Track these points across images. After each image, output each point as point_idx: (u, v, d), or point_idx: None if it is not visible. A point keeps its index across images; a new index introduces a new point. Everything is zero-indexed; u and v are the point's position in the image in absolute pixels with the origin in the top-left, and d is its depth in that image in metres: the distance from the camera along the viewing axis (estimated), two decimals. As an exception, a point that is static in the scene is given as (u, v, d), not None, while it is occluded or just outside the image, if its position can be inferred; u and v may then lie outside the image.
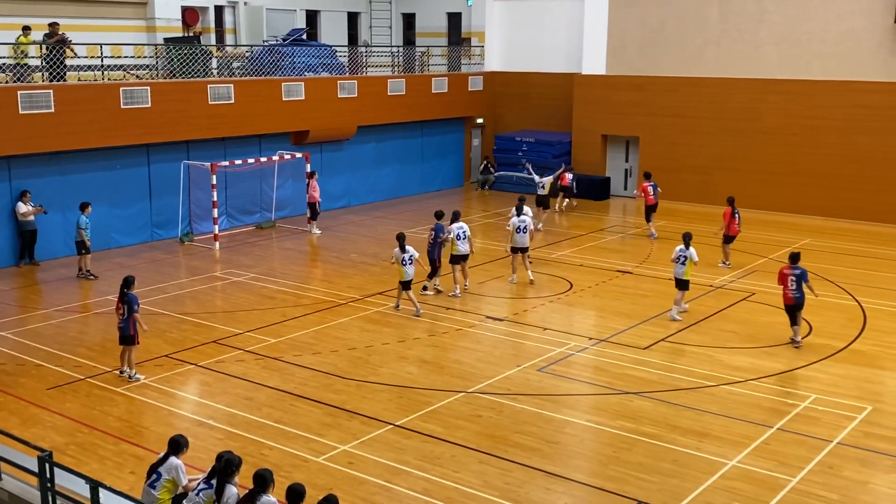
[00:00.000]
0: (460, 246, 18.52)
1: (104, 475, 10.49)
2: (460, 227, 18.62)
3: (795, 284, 15.42)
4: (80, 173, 21.88)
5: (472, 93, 32.69)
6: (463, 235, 18.55)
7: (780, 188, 27.44)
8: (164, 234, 23.83)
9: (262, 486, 8.18)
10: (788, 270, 15.54)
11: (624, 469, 11.13)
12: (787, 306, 15.70)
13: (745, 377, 14.17)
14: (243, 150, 25.19)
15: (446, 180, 32.75)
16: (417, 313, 17.29)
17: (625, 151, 31.02)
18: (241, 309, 17.81)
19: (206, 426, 12.33)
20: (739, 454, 11.48)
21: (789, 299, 15.57)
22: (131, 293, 13.81)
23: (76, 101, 20.89)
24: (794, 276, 15.44)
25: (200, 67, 23.97)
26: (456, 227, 18.59)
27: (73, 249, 21.33)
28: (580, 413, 12.90)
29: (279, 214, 26.48)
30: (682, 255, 17.10)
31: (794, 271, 15.49)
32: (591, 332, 16.54)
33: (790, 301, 15.57)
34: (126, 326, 13.79)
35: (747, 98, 27.84)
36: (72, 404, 13.06)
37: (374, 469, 11.07)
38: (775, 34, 27.33)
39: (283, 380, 14.03)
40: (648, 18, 29.40)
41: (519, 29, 33.28)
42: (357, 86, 27.92)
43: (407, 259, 17.24)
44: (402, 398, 13.33)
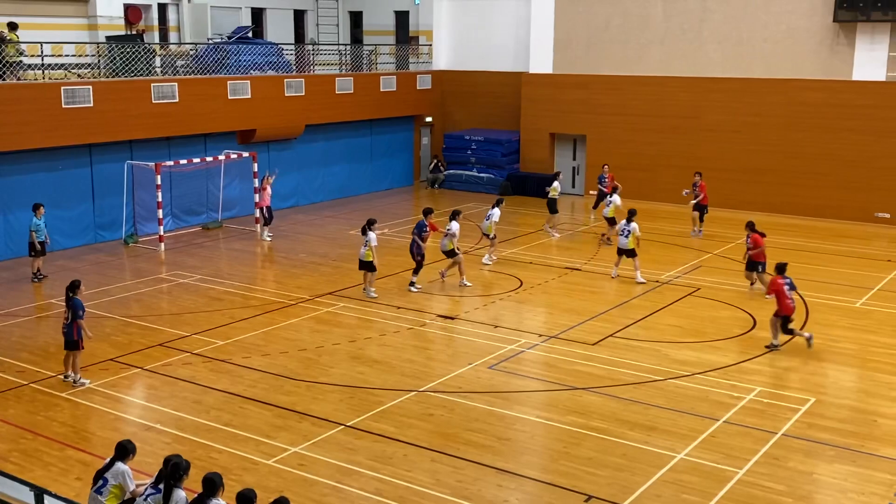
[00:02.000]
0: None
1: (49, 482, 10.29)
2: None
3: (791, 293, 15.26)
4: (21, 174, 21.39)
5: (421, 91, 32.69)
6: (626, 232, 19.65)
7: (723, 185, 27.88)
8: (108, 236, 23.42)
9: (212, 490, 8.09)
10: (782, 280, 15.28)
11: (574, 464, 11.23)
12: (785, 317, 15.19)
13: (691, 371, 14.40)
14: (188, 149, 24.86)
15: (396, 179, 32.72)
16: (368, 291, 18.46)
17: (572, 150, 31.29)
18: (187, 311, 17.58)
19: (153, 430, 12.16)
20: (687, 447, 11.66)
21: (790, 309, 15.16)
22: (77, 298, 13.55)
23: (16, 101, 20.42)
24: (787, 285, 15.24)
25: (144, 66, 23.60)
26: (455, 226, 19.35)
27: (13, 251, 20.97)
28: (531, 409, 12.99)
29: (226, 215, 26.19)
30: (625, 229, 19.42)
31: (787, 280, 15.31)
32: (541, 328, 16.66)
33: (790, 311, 15.17)
34: (70, 331, 13.53)
35: (690, 96, 28.28)
36: (15, 410, 12.77)
37: (326, 470, 11.02)
38: (718, 33, 27.80)
39: (231, 382, 13.89)
40: (594, 17, 29.69)
41: (467, 27, 33.37)
42: (304, 84, 27.74)
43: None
44: (354, 398, 13.28)
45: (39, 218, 19.54)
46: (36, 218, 19.51)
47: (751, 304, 18.07)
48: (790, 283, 15.39)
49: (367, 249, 18.31)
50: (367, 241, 18.30)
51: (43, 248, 19.64)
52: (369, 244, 18.25)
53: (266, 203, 23.99)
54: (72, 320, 13.49)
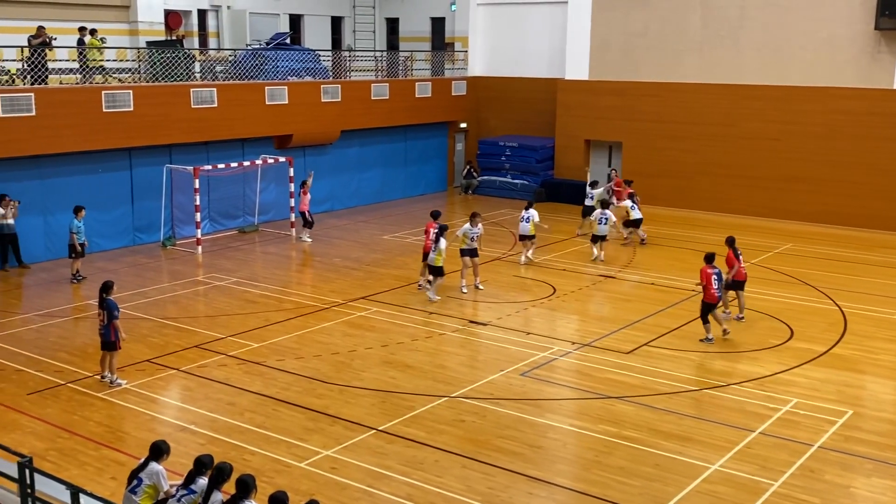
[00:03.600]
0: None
1: (85, 481, 10.42)
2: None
3: (717, 283, 15.96)
4: (62, 177, 21.74)
5: (456, 97, 32.74)
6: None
7: (760, 193, 27.63)
8: (147, 239, 23.71)
9: (245, 491, 8.15)
10: (711, 270, 15.97)
11: (606, 473, 11.16)
12: (709, 305, 16.02)
13: (726, 381, 14.25)
14: (226, 154, 25.10)
15: (430, 184, 32.77)
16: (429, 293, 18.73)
17: (608, 156, 31.14)
18: (223, 313, 17.74)
19: (187, 431, 12.27)
20: (721, 458, 11.54)
21: (714, 298, 15.97)
22: (110, 299, 13.73)
23: (58, 105, 20.77)
24: (715, 275, 15.97)
25: (183, 71, 23.89)
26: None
27: (54, 253, 21.30)
28: (563, 417, 12.92)
29: (262, 219, 26.40)
30: (525, 215, 21.19)
31: (715, 270, 16.01)
32: (573, 336, 16.58)
33: (714, 300, 16.00)
34: (107, 332, 13.72)
35: (728, 104, 28.02)
36: (52, 409, 12.97)
37: (357, 474, 11.05)
38: (756, 40, 27.53)
39: (265, 384, 13.99)
40: (631, 24, 29.55)
41: (502, 34, 33.37)
42: (340, 90, 27.90)
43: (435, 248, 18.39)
44: (385, 403, 13.31)
45: (80, 220, 19.84)
46: (76, 220, 19.81)
47: (788, 314, 17.85)
48: (718, 274, 15.99)
49: (436, 255, 18.36)
50: (436, 246, 18.37)
51: (82, 250, 19.93)
52: (439, 249, 18.35)
53: (305, 207, 24.14)
54: (108, 321, 13.67)
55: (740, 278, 17.29)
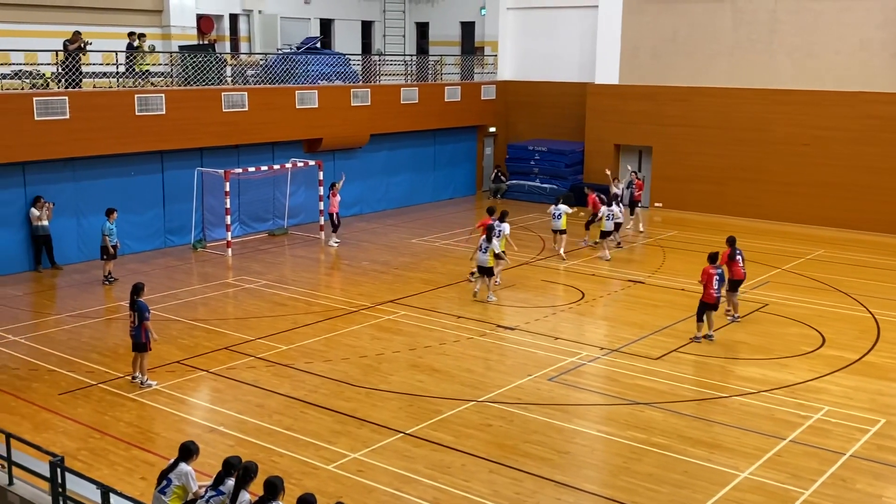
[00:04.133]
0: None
1: (115, 481, 10.53)
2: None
3: (718, 285, 16.05)
4: (95, 180, 22.00)
5: (485, 102, 32.75)
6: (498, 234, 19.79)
7: (792, 199, 27.37)
8: (178, 241, 23.93)
9: (273, 493, 8.19)
10: (713, 270, 16.04)
11: (634, 480, 11.09)
12: (707, 304, 16.11)
13: (757, 388, 14.11)
14: (256, 157, 25.28)
15: (458, 188, 32.80)
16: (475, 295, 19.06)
17: (638, 161, 31.00)
18: (252, 316, 17.86)
19: (216, 433, 12.36)
20: (751, 466, 11.43)
21: (713, 299, 16.06)
22: (141, 301, 13.88)
23: (91, 108, 21.03)
24: (717, 276, 16.04)
25: (215, 75, 24.10)
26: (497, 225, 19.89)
27: (87, 255, 21.56)
28: (591, 423, 12.87)
29: (291, 222, 26.55)
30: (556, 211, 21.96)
31: (718, 271, 16.08)
32: (602, 342, 16.50)
33: (713, 301, 16.08)
34: (138, 334, 13.87)
35: (759, 108, 27.80)
36: (83, 409, 13.12)
37: (384, 477, 11.07)
38: (788, 45, 27.28)
39: (293, 387, 14.06)
40: (661, 28, 29.42)
41: (532, 38, 33.34)
42: (370, 94, 28.01)
43: (484, 246, 18.66)
44: (413, 406, 13.33)
45: (112, 222, 20.06)
46: (109, 222, 20.03)
47: (820, 321, 17.65)
48: (720, 275, 16.11)
49: (491, 252, 18.72)
50: (487, 246, 18.67)
51: (114, 252, 20.17)
52: (503, 237, 19.19)
53: (335, 209, 24.25)
54: (139, 323, 13.81)
55: (737, 278, 17.58)
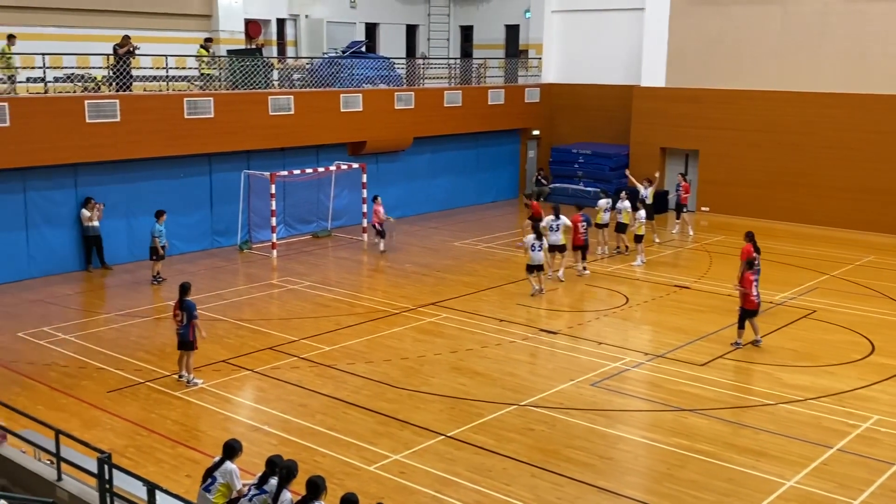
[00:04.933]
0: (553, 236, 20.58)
1: (161, 478, 10.67)
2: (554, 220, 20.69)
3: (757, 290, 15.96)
4: (144, 181, 22.36)
5: (529, 104, 32.67)
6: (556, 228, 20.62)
7: (841, 203, 26.89)
8: (224, 242, 24.22)
9: (315, 493, 8.25)
10: (753, 276, 15.91)
11: (678, 487, 10.98)
12: (748, 311, 15.93)
13: (804, 396, 13.89)
14: (301, 160, 25.50)
15: (501, 191, 32.75)
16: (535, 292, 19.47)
17: (684, 164, 30.70)
18: (296, 316, 18.01)
19: (260, 432, 12.48)
20: (797, 474, 11.26)
21: (754, 305, 15.88)
22: (189, 300, 14.09)
23: (141, 111, 21.38)
24: (756, 282, 15.95)
25: (262, 79, 24.37)
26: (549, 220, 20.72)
27: (136, 255, 21.94)
28: (634, 429, 12.76)
29: (335, 224, 26.72)
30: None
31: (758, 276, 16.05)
32: (646, 347, 16.36)
33: (755, 307, 15.92)
34: (185, 332, 14.08)
35: (807, 112, 27.37)
36: (131, 407, 13.33)
37: (425, 479, 11.09)
38: (838, 48, 26.82)
39: (336, 387, 14.15)
40: (708, 30, 29.10)
41: (577, 41, 33.19)
42: (414, 97, 28.11)
43: (537, 245, 19.16)
44: (454, 409, 13.33)
45: (161, 224, 20.37)
46: (158, 224, 20.34)
47: (869, 328, 17.32)
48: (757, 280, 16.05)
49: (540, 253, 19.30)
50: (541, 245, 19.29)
51: (163, 253, 20.48)
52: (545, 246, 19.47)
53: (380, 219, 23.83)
54: (187, 321, 14.02)
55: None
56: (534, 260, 19.26)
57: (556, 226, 20.63)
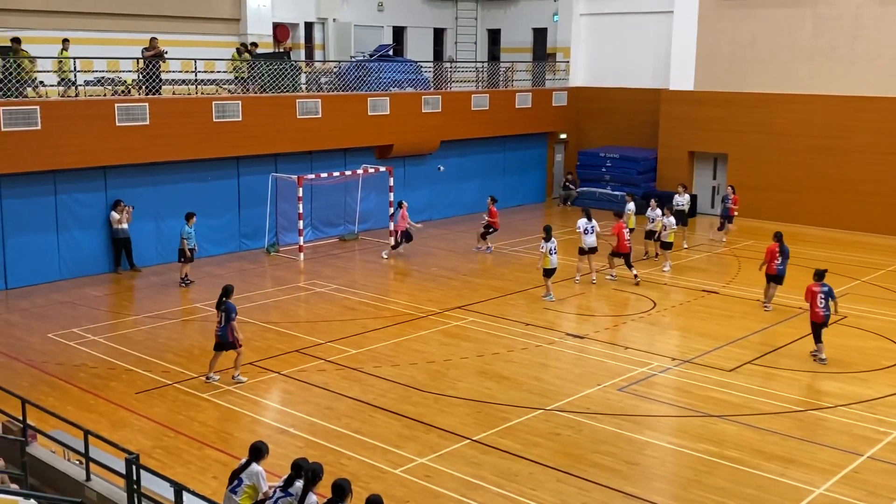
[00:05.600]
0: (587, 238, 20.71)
1: (188, 479, 10.74)
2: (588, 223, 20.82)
3: (824, 302, 15.45)
4: (173, 184, 22.55)
5: (556, 108, 32.58)
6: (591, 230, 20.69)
7: (873, 208, 26.56)
8: (252, 245, 24.35)
9: (341, 495, 8.24)
10: (817, 288, 15.52)
11: (706, 493, 10.88)
12: (815, 324, 15.57)
13: (834, 403, 13.72)
14: (329, 163, 25.59)
15: (528, 195, 32.66)
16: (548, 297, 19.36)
17: (712, 168, 30.47)
18: (323, 319, 18.06)
19: (287, 434, 12.52)
20: (827, 482, 11.11)
21: (819, 317, 15.48)
22: (230, 302, 14.26)
23: (170, 114, 21.56)
24: (822, 294, 15.46)
25: (290, 82, 24.49)
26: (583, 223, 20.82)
27: (165, 257, 22.13)
28: (661, 435, 12.67)
29: (362, 227, 26.78)
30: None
31: (823, 288, 15.51)
32: (673, 352, 16.24)
33: (820, 319, 15.49)
34: (224, 333, 14.24)
35: (839, 116, 27.06)
36: (159, 408, 13.42)
37: (451, 483, 11.07)
38: (871, 51, 26.51)
39: (362, 390, 14.16)
40: (739, 33, 28.87)
41: (605, 44, 33.07)
42: (441, 101, 28.12)
43: (553, 249, 19.21)
44: (480, 413, 13.30)
45: (191, 226, 20.53)
46: (188, 226, 20.51)
47: (901, 335, 17.09)
48: (827, 292, 15.45)
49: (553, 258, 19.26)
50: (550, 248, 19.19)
51: (192, 255, 20.63)
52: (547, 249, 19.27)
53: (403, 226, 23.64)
54: (225, 323, 14.14)
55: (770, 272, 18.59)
56: (551, 264, 19.30)
57: (591, 228, 20.58)
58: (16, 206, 20.07)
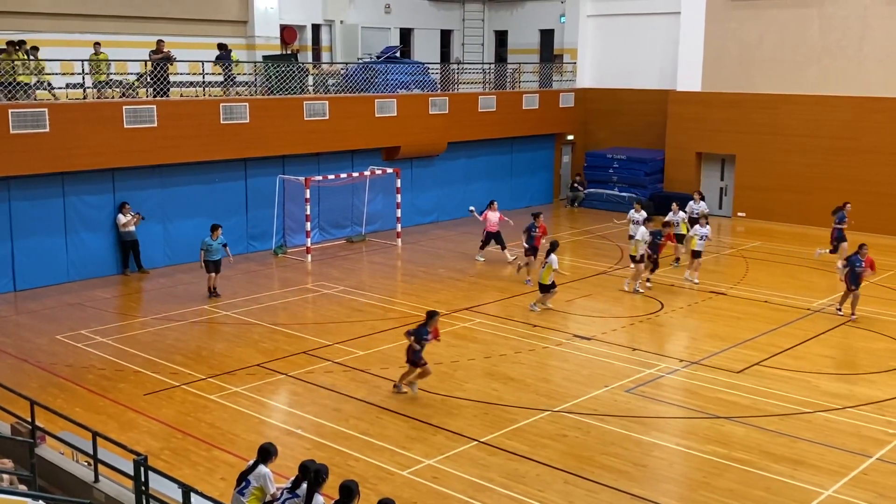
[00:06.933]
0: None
1: (196, 480, 10.75)
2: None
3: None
4: (181, 186, 22.60)
5: (563, 109, 32.55)
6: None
7: (882, 209, 26.45)
8: (259, 246, 24.38)
9: (348, 497, 8.25)
10: None
11: (714, 495, 10.85)
12: None
13: (843, 404, 13.67)
14: (336, 165, 25.61)
15: (535, 197, 32.64)
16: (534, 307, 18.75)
17: (720, 170, 30.40)
18: (330, 321, 18.07)
19: (294, 435, 12.53)
20: (836, 484, 11.07)
21: None
22: (424, 327, 13.94)
23: (178, 116, 21.60)
24: None
25: (297, 84, 24.52)
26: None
27: (172, 259, 22.36)
28: (669, 436, 12.64)
29: (369, 229, 26.80)
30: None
31: None
32: (681, 353, 16.20)
33: None
34: (416, 354, 13.87)
35: (848, 116, 26.98)
36: (167, 410, 13.45)
37: (459, 484, 11.06)
38: (879, 51, 26.42)
39: (369, 392, 14.17)
40: (746, 34, 28.81)
41: (612, 45, 33.04)
42: (448, 102, 28.12)
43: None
44: (488, 415, 13.29)
45: (215, 238, 19.37)
46: (209, 237, 19.36)
47: (911, 336, 17.02)
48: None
49: (544, 270, 18.46)
50: (547, 261, 18.42)
51: (214, 267, 19.44)
52: (549, 265, 18.34)
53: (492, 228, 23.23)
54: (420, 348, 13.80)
55: None
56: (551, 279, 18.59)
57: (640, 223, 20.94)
58: (24, 208, 20.13)
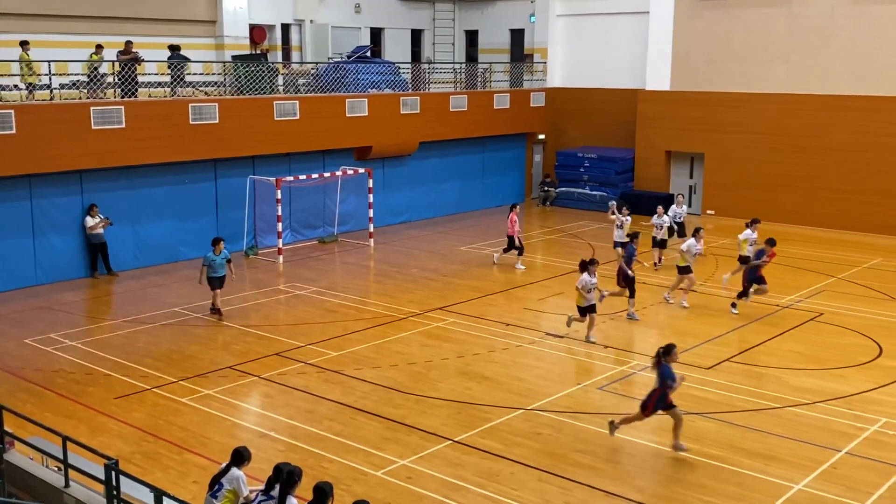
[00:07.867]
0: None
1: (168, 484, 10.65)
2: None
3: None
4: (150, 187, 22.40)
5: (534, 109, 32.66)
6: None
7: (849, 206, 26.82)
8: (230, 248, 24.06)
9: (322, 498, 8.22)
10: None
11: (686, 491, 10.94)
12: None
13: (812, 399, 13.84)
14: (307, 165, 25.51)
15: (507, 196, 32.63)
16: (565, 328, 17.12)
17: (689, 168, 30.65)
18: (303, 322, 18.00)
19: (267, 438, 12.47)
20: (806, 478, 11.21)
21: None
22: (666, 366, 12.06)
23: (146, 117, 21.41)
24: None
25: (267, 84, 24.39)
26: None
27: (142, 261, 22.20)
28: (641, 433, 12.72)
29: (342, 229, 26.73)
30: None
31: None
32: (652, 350, 16.17)
33: None
34: (661, 398, 12.03)
35: (816, 115, 27.30)
36: (138, 413, 13.33)
37: (433, 484, 11.06)
38: (846, 50, 26.77)
39: (343, 393, 14.13)
40: (714, 33, 29.07)
41: (582, 45, 33.20)
42: (419, 102, 28.11)
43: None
44: (461, 414, 13.31)
45: (218, 253, 18.24)
46: (213, 252, 18.26)
47: (876, 331, 17.25)
48: None
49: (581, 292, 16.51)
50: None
51: (217, 283, 18.28)
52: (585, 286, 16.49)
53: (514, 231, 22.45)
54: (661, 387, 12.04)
55: None
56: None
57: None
58: (-9, 210, 19.87)
